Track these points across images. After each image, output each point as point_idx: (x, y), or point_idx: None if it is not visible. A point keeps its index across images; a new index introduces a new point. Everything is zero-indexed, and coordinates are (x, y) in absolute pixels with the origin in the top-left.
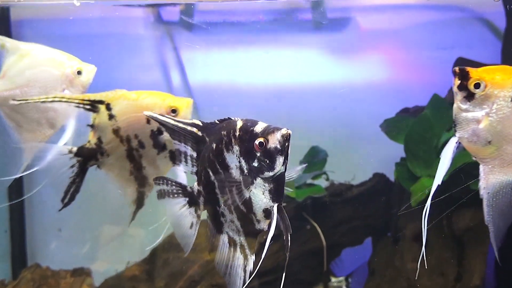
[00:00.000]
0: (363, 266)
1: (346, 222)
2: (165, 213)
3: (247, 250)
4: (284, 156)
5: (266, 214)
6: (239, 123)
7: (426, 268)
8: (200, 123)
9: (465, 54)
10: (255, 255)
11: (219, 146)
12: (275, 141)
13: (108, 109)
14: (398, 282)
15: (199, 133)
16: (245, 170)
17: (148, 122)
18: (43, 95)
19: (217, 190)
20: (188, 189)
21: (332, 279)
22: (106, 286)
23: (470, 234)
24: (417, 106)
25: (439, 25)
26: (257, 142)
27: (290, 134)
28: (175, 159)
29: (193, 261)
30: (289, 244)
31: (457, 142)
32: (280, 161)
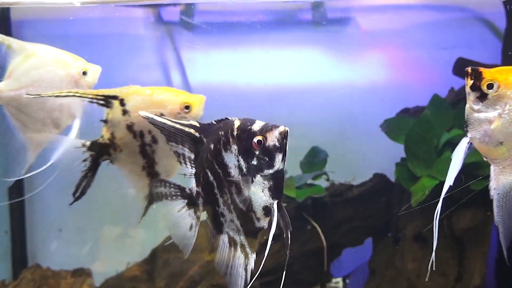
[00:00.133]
0: (361, 267)
1: (346, 222)
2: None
3: (248, 249)
4: (282, 153)
5: (266, 212)
6: (237, 123)
7: (429, 268)
8: (197, 124)
9: (465, 54)
10: (256, 255)
11: (217, 146)
12: (274, 138)
13: (122, 104)
14: (399, 282)
15: (197, 134)
16: (244, 169)
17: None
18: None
19: (216, 191)
20: (186, 190)
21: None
22: (107, 286)
23: (471, 234)
24: (417, 106)
25: (440, 25)
26: (255, 140)
27: (288, 131)
28: None
29: (193, 261)
30: (289, 242)
31: (468, 143)
32: (279, 158)
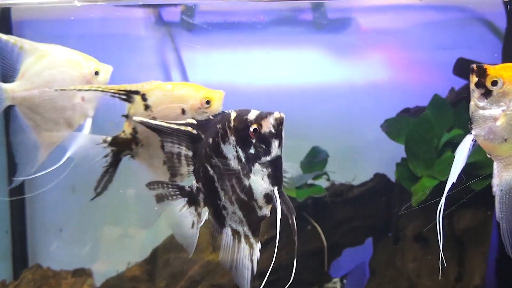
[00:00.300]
0: (359, 267)
1: (346, 222)
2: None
3: (252, 239)
4: (279, 139)
5: (267, 199)
6: (233, 114)
7: (428, 268)
8: (194, 122)
9: (465, 54)
10: (262, 255)
11: (216, 140)
12: (269, 125)
13: (143, 99)
14: (399, 282)
15: (194, 131)
16: (242, 159)
17: (183, 112)
18: (64, 94)
19: (216, 184)
20: (186, 188)
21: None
22: (107, 286)
23: (471, 234)
24: (417, 107)
25: (440, 25)
26: (251, 129)
27: (283, 117)
28: None
29: (194, 261)
30: (295, 227)
31: (473, 140)
32: (275, 144)
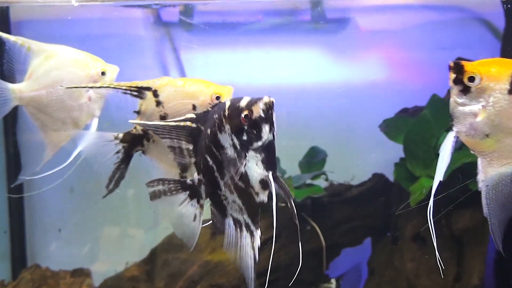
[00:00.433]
0: (356, 267)
1: (345, 222)
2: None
3: (252, 227)
4: (269, 123)
5: (263, 185)
6: (227, 103)
7: (426, 267)
8: (193, 116)
9: (464, 54)
10: (263, 251)
11: (213, 130)
12: (259, 110)
13: (155, 95)
14: (398, 282)
15: (193, 125)
16: (237, 146)
17: (194, 108)
18: (70, 93)
19: (216, 174)
20: (187, 182)
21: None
22: (106, 286)
23: (469, 234)
24: (416, 106)
25: (438, 25)
26: (242, 115)
27: (272, 101)
28: None
29: (192, 261)
30: (295, 211)
31: (455, 137)
32: (266, 129)
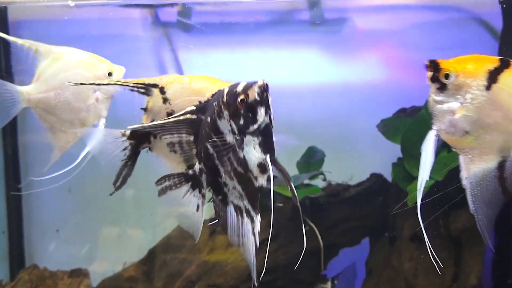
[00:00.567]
0: (351, 267)
1: (343, 222)
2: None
3: (252, 212)
4: (265, 106)
5: (262, 168)
6: (226, 90)
7: (424, 267)
8: (193, 108)
9: (462, 54)
10: (262, 250)
11: (213, 117)
12: (254, 94)
13: (162, 92)
14: (396, 282)
15: (194, 116)
16: (236, 131)
17: None
18: (77, 95)
19: (216, 161)
20: (189, 173)
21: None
22: (103, 286)
23: (467, 234)
24: (414, 107)
25: (436, 25)
26: (239, 100)
27: (266, 83)
28: None
29: (190, 261)
30: (295, 192)
31: (436, 135)
32: (261, 112)
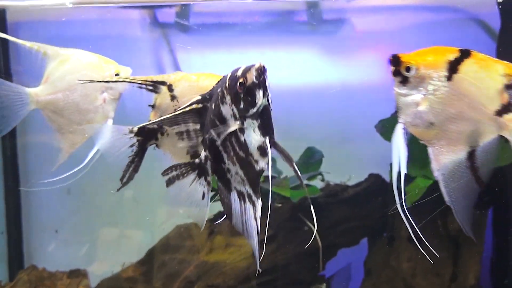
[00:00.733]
0: (346, 268)
1: (342, 222)
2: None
3: (254, 197)
4: (262, 88)
5: (262, 151)
6: (228, 75)
7: (423, 267)
8: (199, 97)
9: None
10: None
11: (217, 103)
12: (252, 77)
13: (170, 90)
14: (394, 282)
15: (200, 105)
16: (237, 116)
17: None
18: (85, 96)
19: (220, 148)
20: (195, 162)
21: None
22: (102, 287)
23: (465, 234)
24: None
25: (434, 25)
26: (238, 83)
27: (263, 66)
28: None
29: (189, 262)
30: (298, 173)
31: (403, 128)
32: (259, 94)
